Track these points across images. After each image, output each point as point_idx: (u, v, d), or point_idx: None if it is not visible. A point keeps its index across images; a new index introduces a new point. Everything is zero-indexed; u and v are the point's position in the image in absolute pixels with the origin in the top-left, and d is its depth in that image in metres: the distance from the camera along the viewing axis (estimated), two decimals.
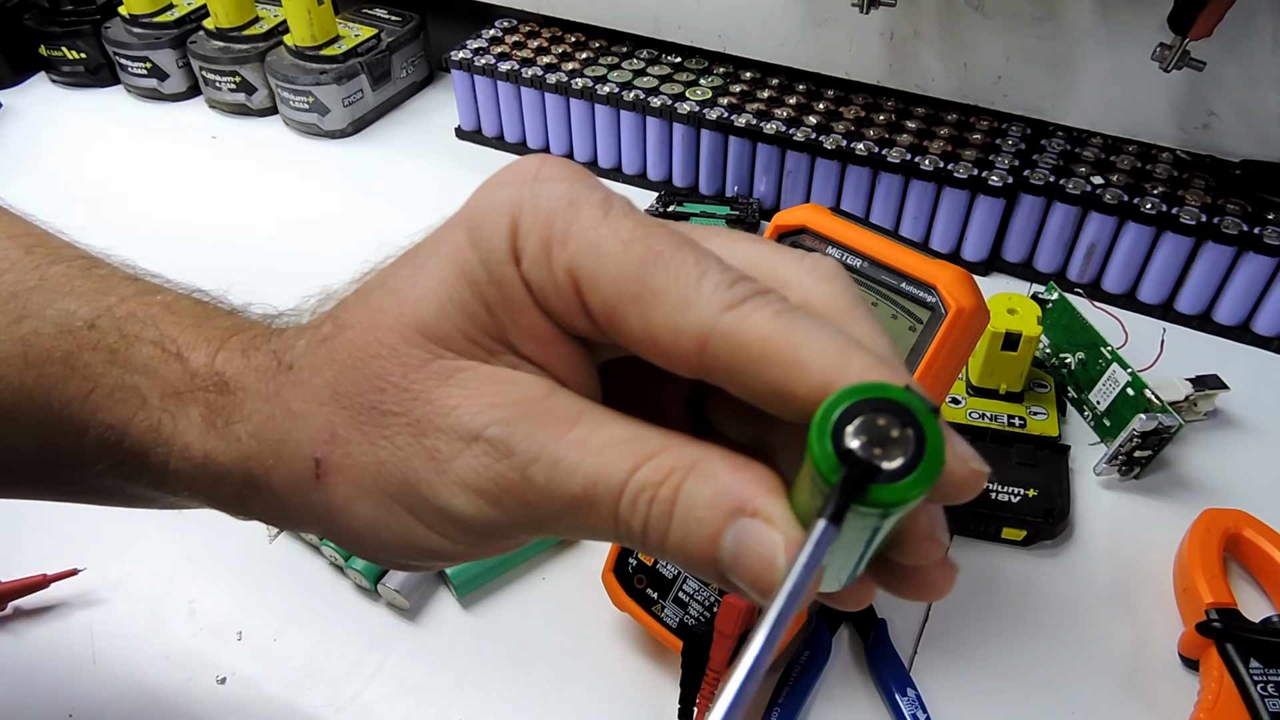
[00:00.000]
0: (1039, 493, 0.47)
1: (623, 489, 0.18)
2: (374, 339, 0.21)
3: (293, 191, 0.72)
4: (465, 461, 0.19)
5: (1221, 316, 0.59)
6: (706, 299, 0.18)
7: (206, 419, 0.23)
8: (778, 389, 0.18)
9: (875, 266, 0.39)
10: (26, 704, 0.42)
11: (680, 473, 0.18)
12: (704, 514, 0.18)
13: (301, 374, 0.22)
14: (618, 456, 0.19)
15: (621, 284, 0.19)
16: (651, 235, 0.19)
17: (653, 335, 0.19)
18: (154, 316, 0.25)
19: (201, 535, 0.48)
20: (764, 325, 0.18)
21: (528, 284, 0.20)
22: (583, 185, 0.20)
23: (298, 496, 0.22)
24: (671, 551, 0.18)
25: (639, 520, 0.18)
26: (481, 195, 0.21)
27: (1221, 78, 0.58)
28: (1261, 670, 0.39)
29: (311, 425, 0.21)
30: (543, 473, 0.19)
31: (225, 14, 0.77)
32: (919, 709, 0.40)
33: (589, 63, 0.72)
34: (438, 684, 0.42)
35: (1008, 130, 0.66)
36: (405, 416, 0.20)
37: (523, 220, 0.19)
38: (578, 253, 0.19)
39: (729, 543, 0.18)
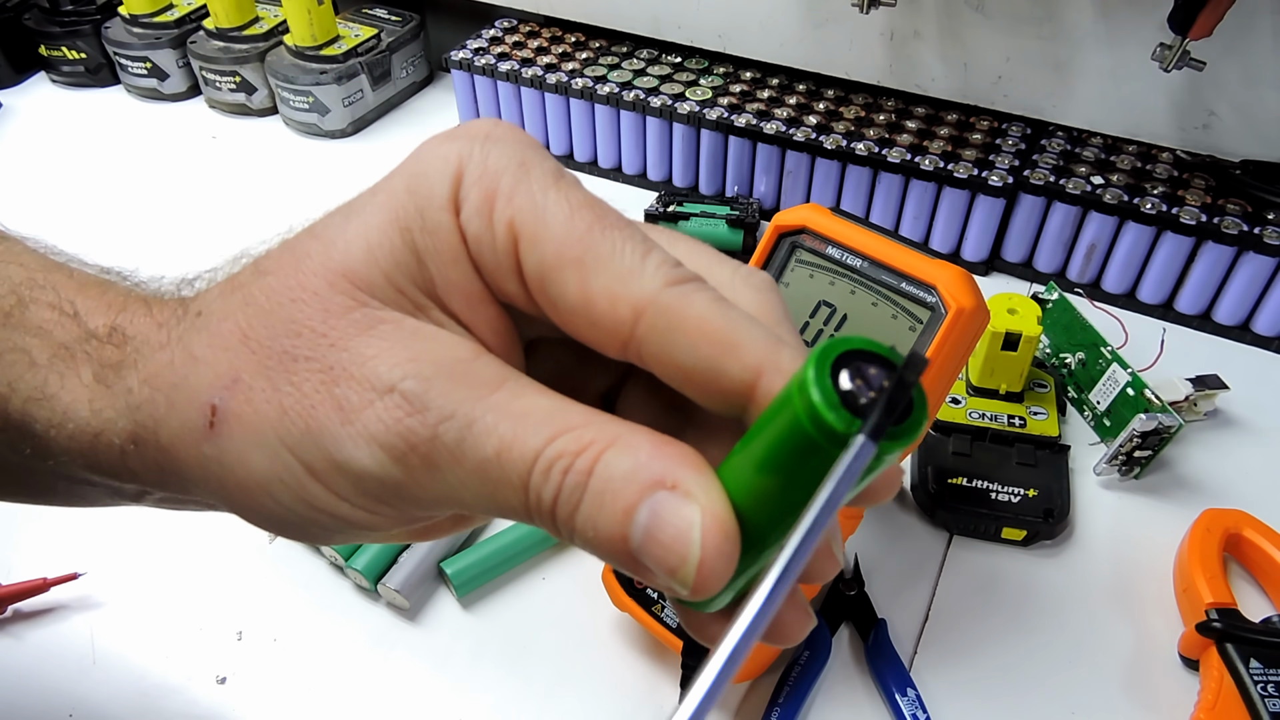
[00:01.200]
0: (1039, 493, 0.47)
1: (538, 456, 0.17)
2: (295, 283, 0.20)
3: (293, 191, 0.72)
4: (374, 413, 0.18)
5: (1221, 316, 0.59)
6: (650, 273, 0.18)
7: (97, 375, 0.22)
8: (709, 366, 0.18)
9: (875, 266, 0.39)
10: (26, 704, 0.42)
11: (600, 445, 0.17)
12: (620, 486, 0.17)
13: (209, 320, 0.21)
14: (537, 423, 0.18)
15: (564, 246, 0.18)
16: (600, 209, 0.19)
17: (588, 301, 0.18)
18: (55, 283, 0.24)
19: (201, 535, 0.48)
20: (703, 305, 0.18)
21: (464, 235, 0.19)
22: (535, 152, 0.20)
23: (188, 449, 0.20)
24: (581, 528, 0.17)
25: (550, 490, 0.17)
26: (427, 147, 0.20)
27: (1221, 78, 0.58)
28: (1261, 670, 0.39)
29: (213, 370, 0.20)
30: (454, 431, 0.18)
31: (225, 14, 0.77)
32: (919, 709, 0.40)
33: (589, 63, 0.72)
34: (438, 684, 0.42)
35: (1008, 130, 0.66)
36: (318, 363, 0.19)
37: (468, 172, 0.19)
38: (523, 209, 0.18)
39: (642, 516, 0.17)
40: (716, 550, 0.16)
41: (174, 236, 0.67)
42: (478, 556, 0.45)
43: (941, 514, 0.47)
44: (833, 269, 0.40)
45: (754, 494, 0.17)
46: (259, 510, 0.21)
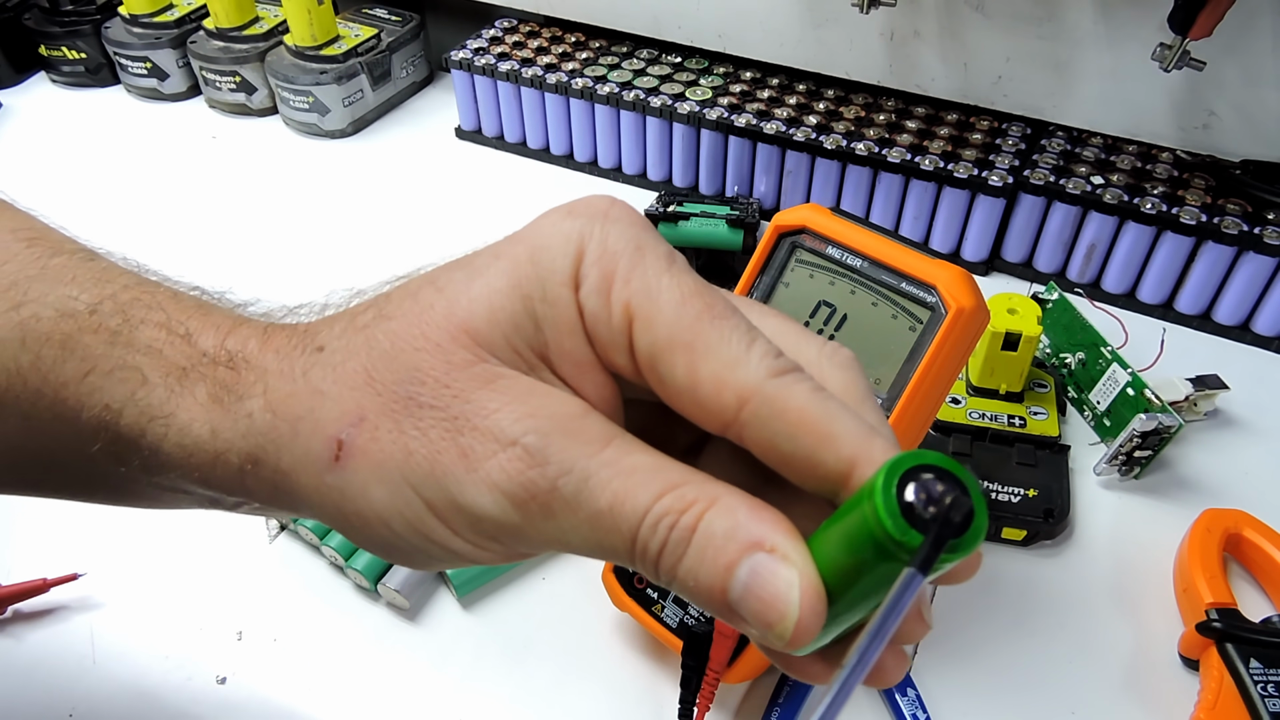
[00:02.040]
0: (1039, 493, 0.47)
1: (647, 511, 0.19)
2: (419, 333, 0.21)
3: (293, 191, 0.72)
4: (498, 463, 0.20)
5: (1221, 316, 0.59)
6: (755, 363, 0.19)
7: (213, 396, 0.23)
8: (806, 455, 0.19)
9: (875, 266, 0.39)
10: (26, 704, 0.42)
11: (702, 504, 0.19)
12: (721, 544, 0.19)
13: (333, 356, 0.22)
14: (645, 481, 0.19)
15: (675, 331, 0.20)
16: (709, 296, 0.20)
17: (695, 385, 0.20)
18: (160, 302, 0.25)
19: (201, 535, 0.48)
20: (804, 397, 0.19)
21: (581, 310, 0.21)
22: (650, 236, 0.21)
23: (309, 477, 0.22)
24: (682, 578, 0.19)
25: (657, 543, 0.19)
26: (549, 221, 0.21)
27: (1221, 78, 0.58)
28: (1261, 670, 0.39)
29: (339, 406, 0.22)
30: (572, 485, 0.20)
31: (225, 14, 0.77)
32: (919, 709, 0.40)
33: (589, 63, 0.72)
34: (438, 684, 0.42)
35: (1008, 130, 0.66)
36: (443, 412, 0.21)
37: (589, 251, 0.21)
38: (638, 292, 0.20)
39: (743, 573, 0.18)
40: (812, 611, 0.18)
41: (174, 237, 0.67)
42: None
43: None
44: (833, 269, 0.40)
45: (836, 567, 0.18)
46: (373, 537, 0.22)
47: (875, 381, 0.38)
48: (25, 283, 0.25)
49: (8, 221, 0.28)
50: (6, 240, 0.27)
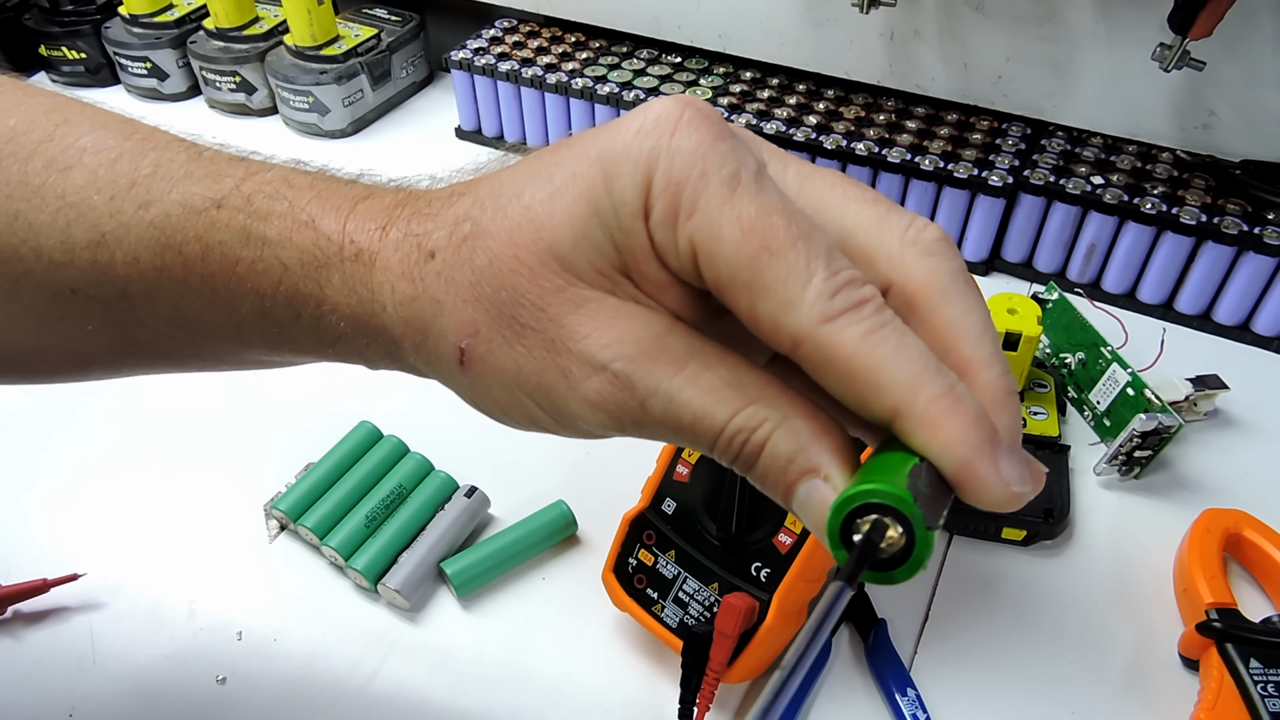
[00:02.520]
0: (1039, 493, 0.47)
1: (723, 428, 0.21)
2: (512, 254, 0.23)
3: None
4: (593, 385, 0.22)
5: (1221, 316, 0.59)
6: (808, 307, 0.20)
7: (347, 286, 0.25)
8: (855, 399, 0.21)
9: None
10: (26, 704, 0.42)
11: (771, 424, 0.21)
12: (784, 465, 0.21)
13: (444, 267, 0.24)
14: (723, 399, 0.22)
15: (735, 269, 0.21)
16: (770, 227, 0.21)
17: (755, 320, 0.21)
18: (279, 190, 0.27)
19: (201, 536, 0.48)
20: (853, 344, 0.20)
21: (652, 240, 0.22)
22: (716, 153, 0.21)
23: (441, 373, 0.25)
24: (754, 479, 0.22)
25: (732, 452, 0.22)
26: (620, 138, 0.22)
27: (1221, 78, 0.58)
28: (1261, 670, 0.39)
29: (456, 318, 0.24)
30: (659, 405, 0.22)
31: (225, 14, 0.77)
32: (919, 709, 0.40)
33: (589, 63, 0.72)
34: (438, 684, 0.42)
35: (1008, 130, 0.66)
36: (541, 334, 0.23)
37: (655, 180, 0.21)
38: (700, 228, 0.21)
39: (800, 494, 0.21)
40: None
41: None
42: (478, 556, 0.45)
43: None
44: None
45: None
46: (498, 415, 0.25)
47: None
48: (144, 181, 0.27)
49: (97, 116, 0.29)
50: (103, 136, 0.28)
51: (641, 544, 0.42)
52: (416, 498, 0.47)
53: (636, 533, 0.42)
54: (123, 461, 0.51)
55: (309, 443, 0.50)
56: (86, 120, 0.28)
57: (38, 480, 0.51)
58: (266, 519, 0.48)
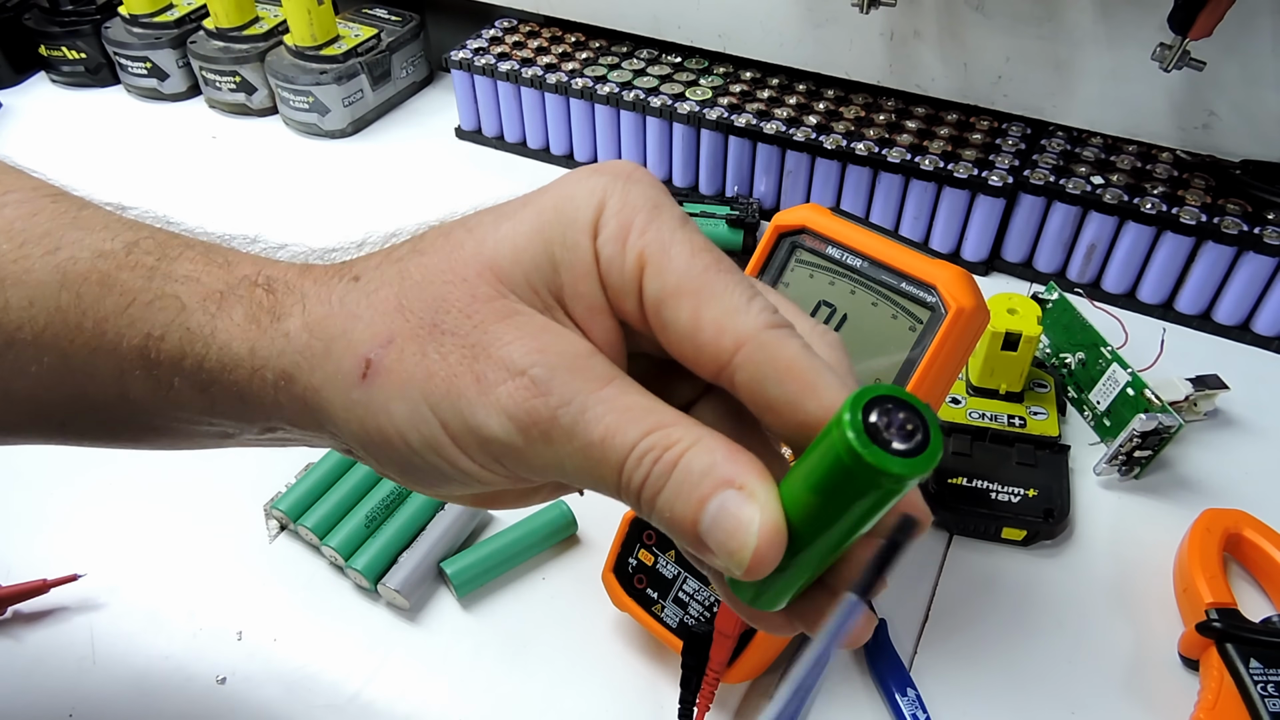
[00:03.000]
0: (1039, 493, 0.47)
1: (634, 446, 0.21)
2: (448, 267, 0.23)
3: (293, 191, 0.72)
4: (507, 390, 0.22)
5: (1221, 316, 0.59)
6: (754, 314, 0.21)
7: (250, 317, 0.25)
8: (791, 400, 0.21)
9: (875, 266, 0.39)
10: (27, 704, 0.42)
11: (685, 444, 0.21)
12: (697, 480, 0.21)
13: (369, 285, 0.24)
14: (636, 419, 0.21)
15: (684, 279, 0.22)
16: (717, 253, 0.22)
17: (697, 328, 0.22)
18: (197, 242, 0.27)
19: (201, 536, 0.48)
20: (794, 349, 0.21)
21: (597, 257, 0.22)
22: (666, 198, 0.23)
23: (338, 393, 0.24)
24: (660, 509, 0.21)
25: (640, 475, 0.21)
26: (575, 177, 0.23)
27: (1221, 78, 0.58)
28: (1261, 670, 0.39)
29: (370, 328, 0.23)
30: (570, 415, 0.21)
31: (225, 14, 0.77)
32: (919, 709, 0.40)
33: (589, 63, 0.72)
34: (438, 684, 0.42)
35: (1008, 130, 0.66)
36: (463, 339, 0.22)
37: (609, 204, 0.22)
38: (652, 243, 0.22)
39: (712, 508, 0.20)
40: (769, 543, 0.20)
41: None
42: (478, 556, 0.45)
43: (941, 514, 0.47)
44: (833, 269, 0.40)
45: (800, 506, 0.20)
46: (390, 453, 0.24)
47: (875, 381, 0.39)
48: (59, 231, 0.26)
49: (29, 182, 0.29)
50: (31, 197, 0.28)
51: (641, 544, 0.42)
52: (416, 498, 0.47)
53: (636, 532, 0.42)
54: (122, 461, 0.51)
55: None
56: (21, 184, 0.28)
57: (37, 480, 0.51)
58: (266, 519, 0.48)
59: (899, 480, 0.18)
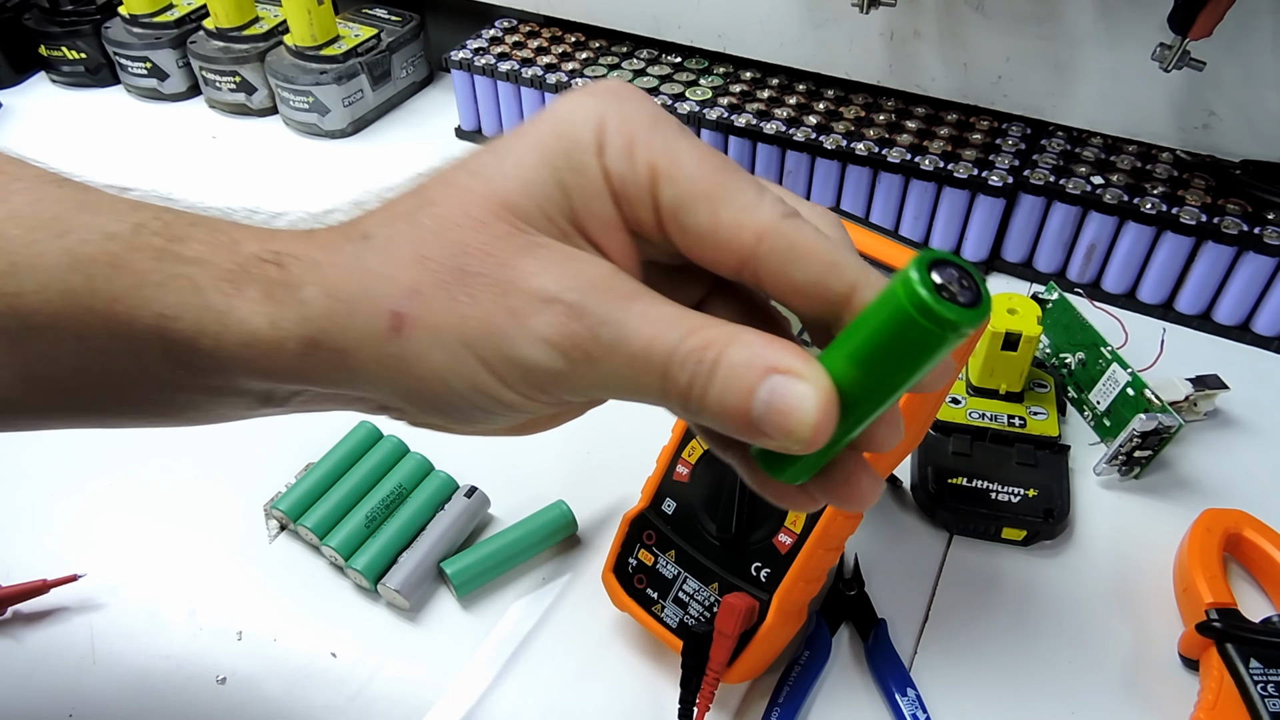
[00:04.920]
0: (1039, 493, 0.47)
1: (674, 349, 0.22)
2: (461, 211, 0.23)
3: (293, 191, 0.72)
4: (543, 318, 0.22)
5: (1221, 316, 0.59)
6: (769, 207, 0.22)
7: (266, 293, 0.25)
8: (816, 281, 0.22)
9: (875, 266, 0.39)
10: (26, 704, 0.42)
11: (724, 340, 0.22)
12: (743, 371, 0.21)
13: (379, 243, 0.24)
14: (672, 325, 0.22)
15: (697, 183, 0.22)
16: (722, 156, 0.23)
17: (716, 228, 0.22)
18: (200, 219, 0.27)
19: (202, 535, 0.48)
20: (811, 233, 0.22)
21: (607, 173, 0.23)
22: (662, 110, 0.24)
23: (370, 350, 0.24)
24: (711, 406, 0.22)
25: (685, 376, 0.22)
26: (567, 100, 0.24)
27: (1221, 78, 0.58)
28: (1261, 670, 0.39)
29: (392, 283, 0.23)
30: (609, 332, 0.22)
31: (225, 14, 0.77)
32: (919, 709, 0.40)
33: (589, 63, 0.72)
34: (438, 684, 0.42)
35: (1008, 130, 0.66)
36: (489, 278, 0.23)
37: (609, 122, 0.23)
38: (661, 152, 0.22)
39: (763, 393, 0.21)
40: (828, 413, 0.21)
41: None
42: (478, 556, 0.45)
43: (941, 514, 0.47)
44: None
45: (847, 376, 0.21)
46: (432, 399, 0.24)
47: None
48: (66, 214, 0.26)
49: (32, 170, 0.29)
50: (36, 184, 0.28)
51: (641, 544, 0.42)
52: (416, 498, 0.47)
53: (636, 533, 0.42)
54: (123, 461, 0.51)
55: (309, 443, 0.50)
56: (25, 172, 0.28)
57: (37, 480, 0.51)
58: (266, 519, 0.48)
59: (961, 328, 0.19)
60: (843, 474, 0.24)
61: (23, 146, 0.80)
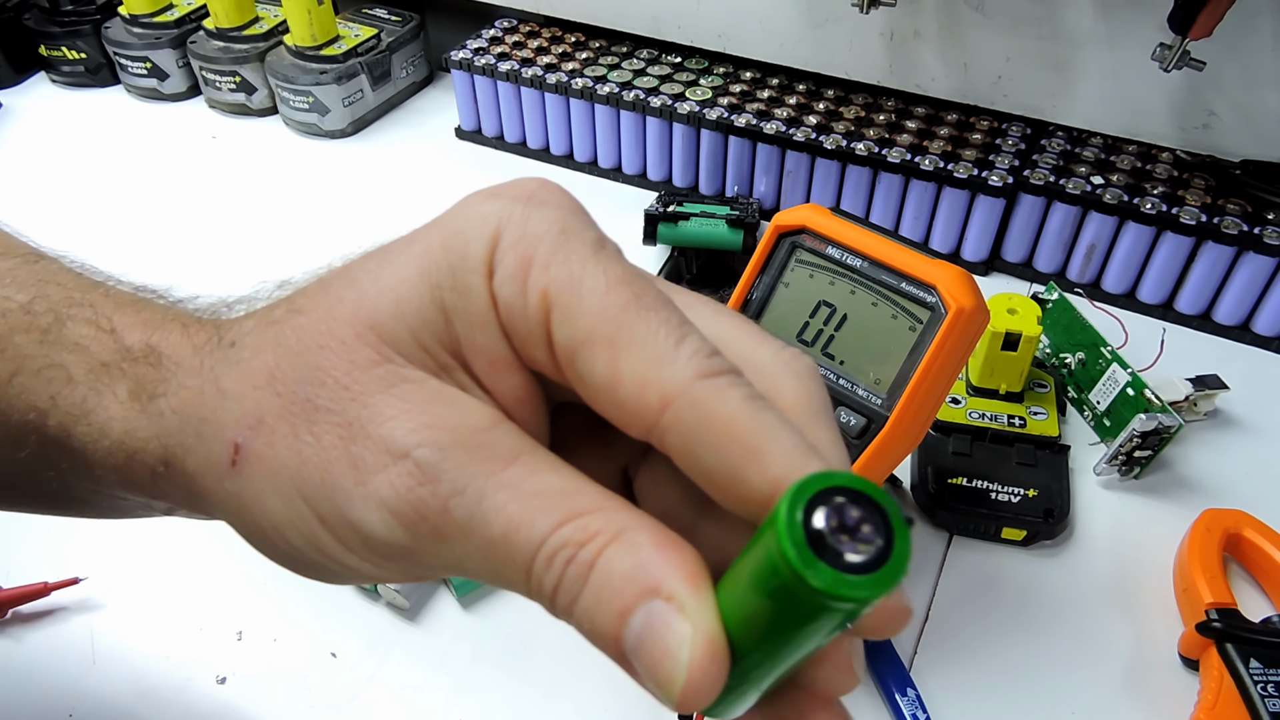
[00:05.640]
0: (1039, 493, 0.47)
1: (543, 542, 0.17)
2: (325, 329, 0.20)
3: (293, 191, 0.72)
4: (387, 478, 0.18)
5: (1221, 316, 0.59)
6: (683, 362, 0.17)
7: (133, 394, 0.22)
8: (731, 470, 0.17)
9: (875, 266, 0.39)
10: (27, 704, 0.42)
11: (605, 538, 0.17)
12: (619, 586, 0.17)
13: (242, 352, 0.21)
14: (546, 506, 0.18)
15: (597, 322, 0.18)
16: (638, 286, 0.18)
17: (616, 383, 0.18)
18: (93, 301, 0.24)
19: (202, 536, 0.48)
20: (734, 404, 0.17)
21: (495, 300, 0.19)
22: (578, 219, 0.19)
23: (211, 481, 0.21)
24: (578, 619, 0.18)
25: (552, 579, 0.17)
26: (467, 203, 0.20)
27: (1221, 78, 0.58)
28: (1261, 670, 0.39)
29: (239, 408, 0.20)
30: (464, 507, 0.18)
31: (225, 14, 0.77)
32: (919, 709, 0.40)
33: (589, 63, 0.72)
34: (438, 684, 0.42)
35: (1008, 130, 0.66)
36: (339, 416, 0.19)
37: (506, 235, 0.19)
38: (558, 279, 0.18)
39: (636, 623, 0.17)
40: (702, 673, 0.16)
41: (174, 237, 0.67)
42: None
43: (941, 514, 0.47)
44: (833, 269, 0.40)
45: (745, 612, 0.16)
46: (272, 547, 0.21)
47: (875, 382, 0.39)
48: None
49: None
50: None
51: None
52: None
53: None
54: None
55: None
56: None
57: None
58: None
59: (855, 604, 0.14)
60: (794, 713, 0.19)
61: (23, 146, 0.81)
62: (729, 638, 0.16)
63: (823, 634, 0.16)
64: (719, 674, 0.16)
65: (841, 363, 0.39)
